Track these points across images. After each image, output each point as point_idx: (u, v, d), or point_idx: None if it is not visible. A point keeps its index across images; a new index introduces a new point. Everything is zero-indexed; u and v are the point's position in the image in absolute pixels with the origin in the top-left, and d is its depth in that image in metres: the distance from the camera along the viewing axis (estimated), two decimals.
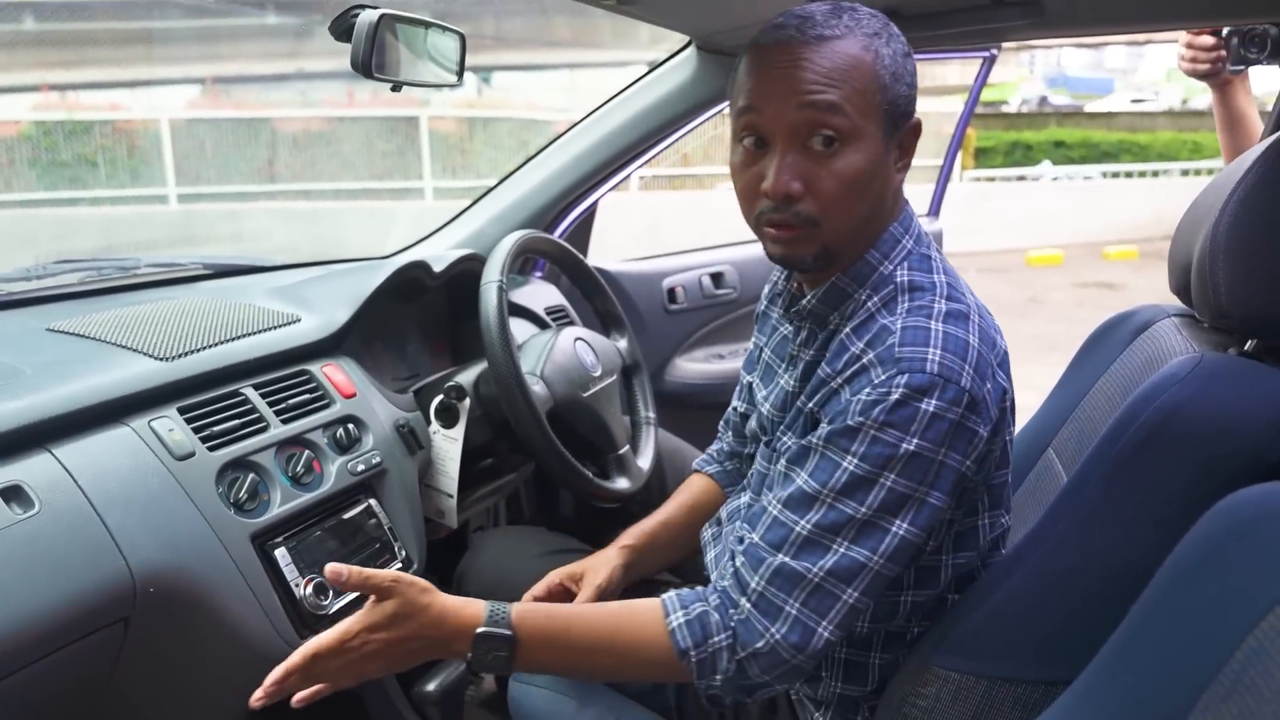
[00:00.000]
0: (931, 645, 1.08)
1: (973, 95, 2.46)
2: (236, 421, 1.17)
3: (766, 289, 1.30)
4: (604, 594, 1.21)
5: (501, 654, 0.98)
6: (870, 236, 1.05)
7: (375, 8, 1.09)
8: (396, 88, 1.19)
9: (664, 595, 1.05)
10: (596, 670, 1.08)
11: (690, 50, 1.63)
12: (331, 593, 1.15)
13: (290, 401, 1.25)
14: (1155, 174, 13.23)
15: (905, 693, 1.09)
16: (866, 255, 1.05)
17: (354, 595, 1.17)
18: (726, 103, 1.70)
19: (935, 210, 2.57)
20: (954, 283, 1.05)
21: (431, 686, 1.28)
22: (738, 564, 1.03)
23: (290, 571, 1.12)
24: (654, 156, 1.87)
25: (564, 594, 1.23)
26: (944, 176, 2.56)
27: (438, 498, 1.43)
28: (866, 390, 0.96)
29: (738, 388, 1.38)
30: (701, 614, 1.01)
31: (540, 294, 1.84)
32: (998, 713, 1.04)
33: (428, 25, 1.22)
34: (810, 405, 1.05)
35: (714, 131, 10.36)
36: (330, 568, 0.95)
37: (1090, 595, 0.98)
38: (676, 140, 1.84)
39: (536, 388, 1.36)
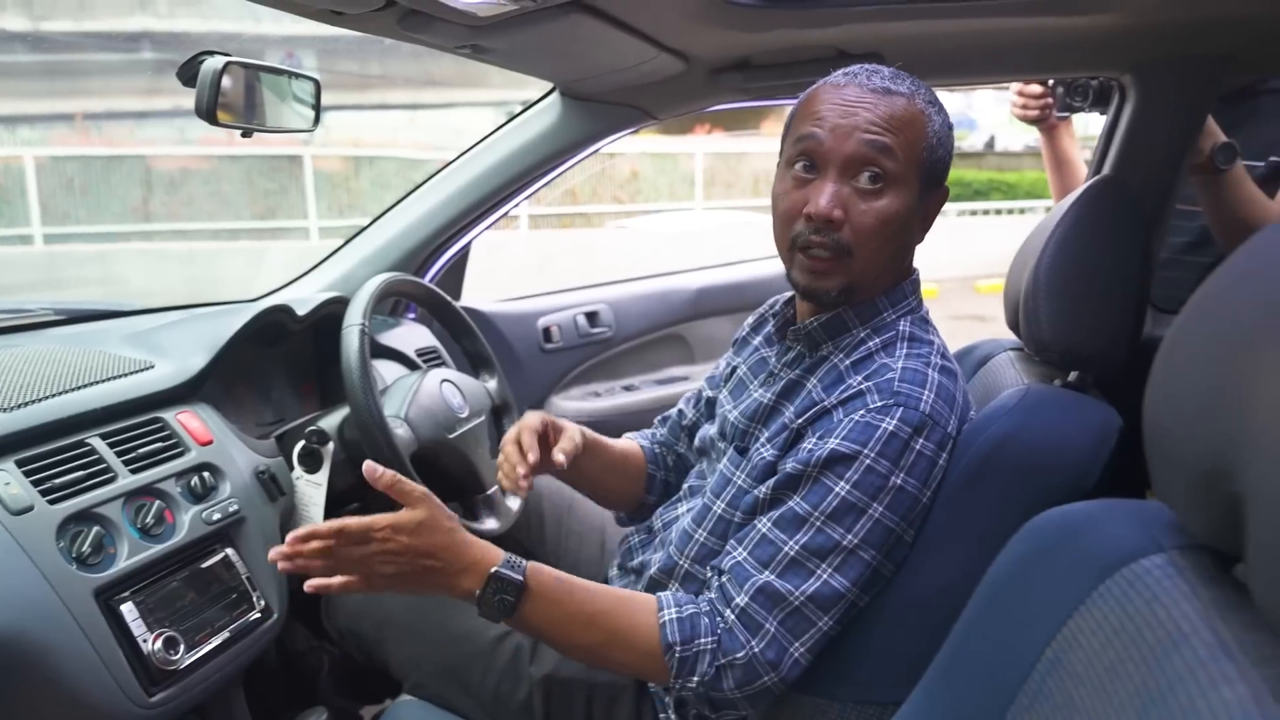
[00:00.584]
0: None
1: None
2: (81, 473, 1.13)
3: (752, 318, 1.38)
4: (576, 453, 1.27)
5: (509, 598, 1.02)
6: (885, 283, 1.14)
7: (224, 54, 1.09)
8: (247, 134, 1.19)
9: (660, 593, 1.09)
10: (583, 643, 1.08)
11: (554, 96, 1.67)
12: (183, 646, 1.12)
13: (141, 451, 1.22)
14: (1022, 211, 13.96)
15: (766, 714, 1.12)
16: (877, 299, 1.14)
17: (205, 651, 1.14)
18: (593, 147, 1.75)
19: None
20: (946, 349, 1.14)
21: None
22: (724, 580, 1.07)
23: (138, 627, 1.09)
24: (524, 199, 1.90)
25: (544, 437, 1.27)
26: None
27: None
28: (861, 412, 1.03)
29: (689, 397, 1.47)
30: (693, 615, 1.05)
31: (412, 336, 1.83)
32: None
33: (281, 72, 1.22)
34: (799, 423, 1.10)
35: (601, 170, 10.51)
36: (368, 464, 1.00)
37: (933, 619, 1.03)
38: (548, 183, 1.88)
39: (400, 430, 1.36)
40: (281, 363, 1.64)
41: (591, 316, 2.29)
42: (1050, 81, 1.69)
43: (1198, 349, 0.57)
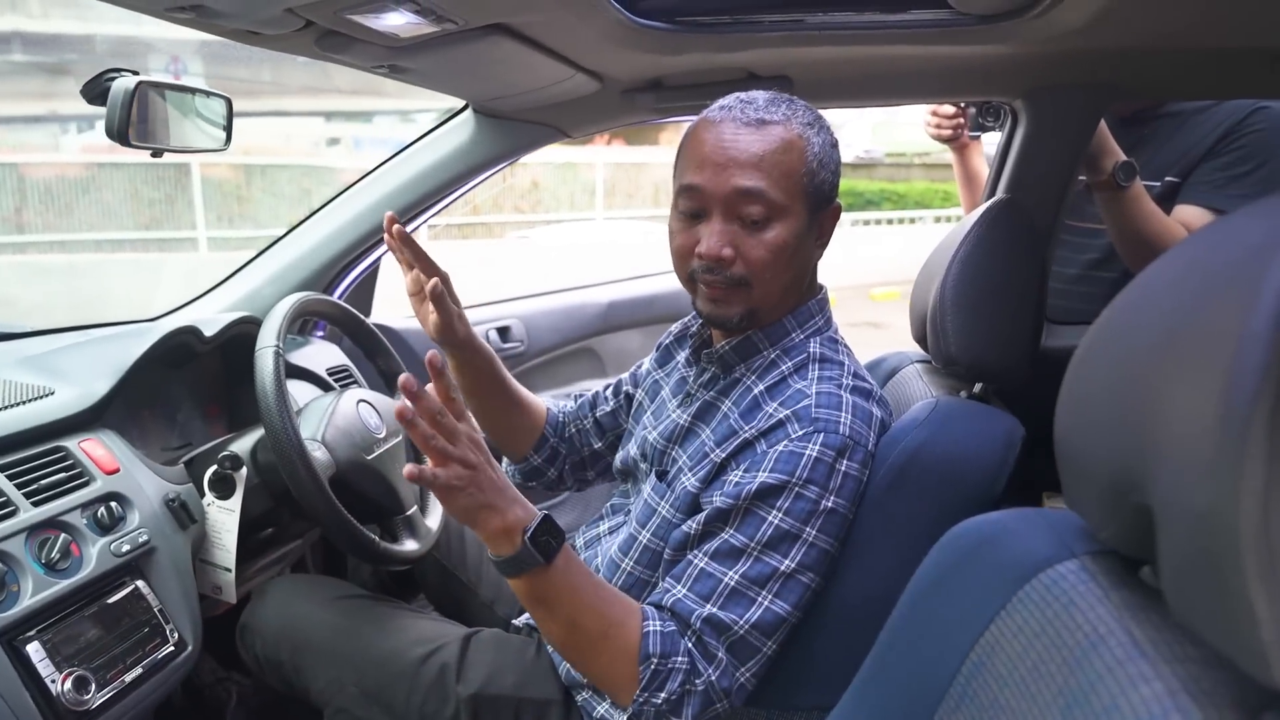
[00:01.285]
0: None
1: None
2: None
3: (677, 327, 1.42)
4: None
5: (553, 543, 1.00)
6: (790, 304, 1.17)
7: (132, 71, 1.06)
8: (158, 154, 1.16)
9: (646, 603, 1.09)
10: (585, 624, 1.05)
11: (468, 113, 1.67)
12: (94, 686, 1.08)
13: (43, 482, 1.16)
14: (912, 220, 14.47)
15: None
16: (784, 320, 1.17)
17: (117, 689, 1.10)
18: (505, 163, 1.76)
19: None
20: (857, 366, 1.18)
21: None
22: (668, 616, 1.08)
23: (45, 667, 1.04)
24: (435, 214, 1.89)
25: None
26: None
27: (214, 573, 1.36)
28: (784, 443, 1.06)
29: (609, 383, 1.54)
30: (673, 633, 1.06)
31: (322, 354, 1.80)
32: None
33: (192, 91, 1.19)
34: (722, 457, 1.12)
35: (505, 183, 10.44)
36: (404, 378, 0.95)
37: (856, 625, 1.06)
38: (456, 199, 1.87)
39: (318, 453, 1.33)
40: (187, 385, 1.59)
41: (503, 331, 2.28)
42: (964, 103, 1.78)
43: (1105, 366, 0.61)
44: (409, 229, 1.84)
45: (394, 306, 2.17)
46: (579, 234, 11.09)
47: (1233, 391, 0.43)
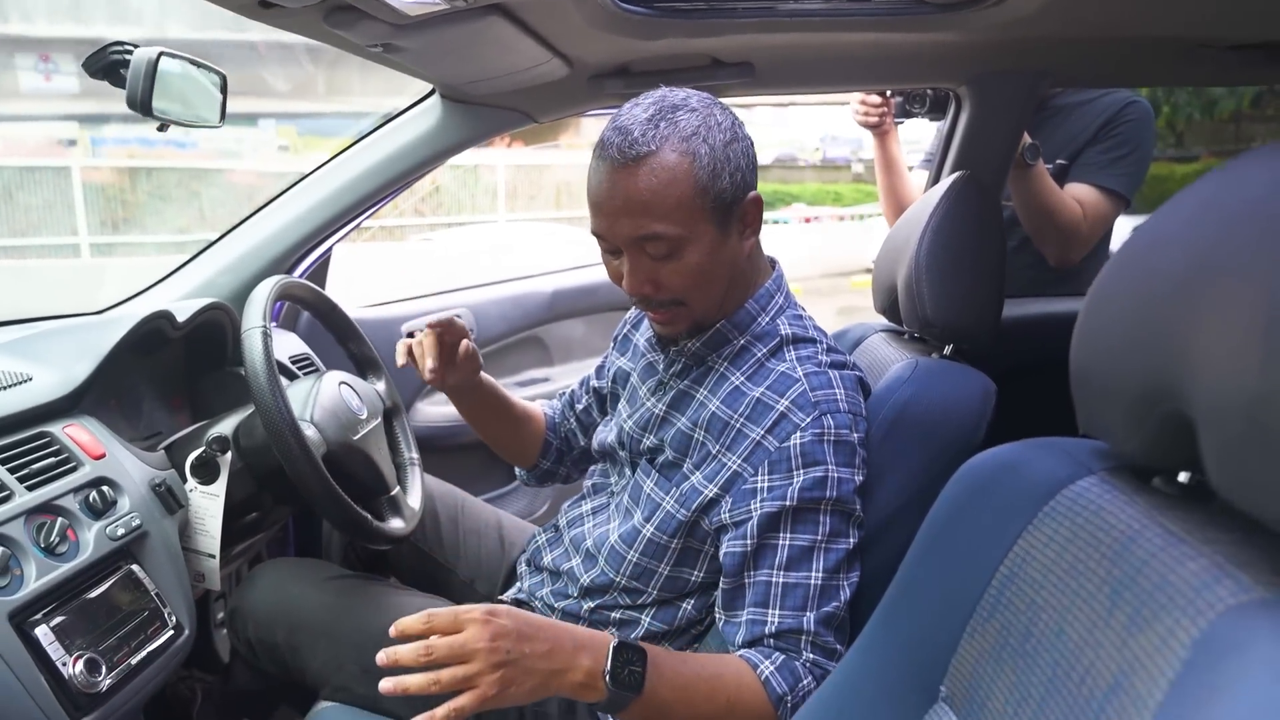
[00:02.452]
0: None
1: None
2: None
3: (631, 315, 1.44)
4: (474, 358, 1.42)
5: (637, 669, 0.97)
6: (739, 296, 1.19)
7: (133, 45, 1.04)
8: (163, 127, 1.14)
9: (740, 653, 1.08)
10: (705, 711, 1.03)
11: (434, 99, 1.68)
12: (104, 668, 1.06)
13: (34, 467, 1.14)
14: (808, 220, 14.86)
15: None
16: (747, 305, 1.19)
17: (123, 673, 1.08)
18: (468, 149, 1.77)
19: None
20: (826, 337, 1.22)
21: None
22: (777, 643, 1.09)
23: (55, 650, 1.02)
24: (387, 204, 1.89)
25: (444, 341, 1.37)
26: None
27: (197, 559, 1.34)
28: (797, 435, 1.09)
29: (581, 380, 1.55)
30: (786, 662, 1.07)
31: (282, 343, 1.78)
32: None
33: (199, 65, 1.18)
34: (728, 457, 1.14)
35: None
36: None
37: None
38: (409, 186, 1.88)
39: (309, 433, 1.33)
40: (150, 376, 1.55)
41: None
42: (889, 92, 1.89)
43: (1126, 298, 0.69)
44: (365, 217, 1.84)
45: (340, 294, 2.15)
46: (482, 236, 11.00)
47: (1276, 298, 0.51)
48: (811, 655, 1.08)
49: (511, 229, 11.60)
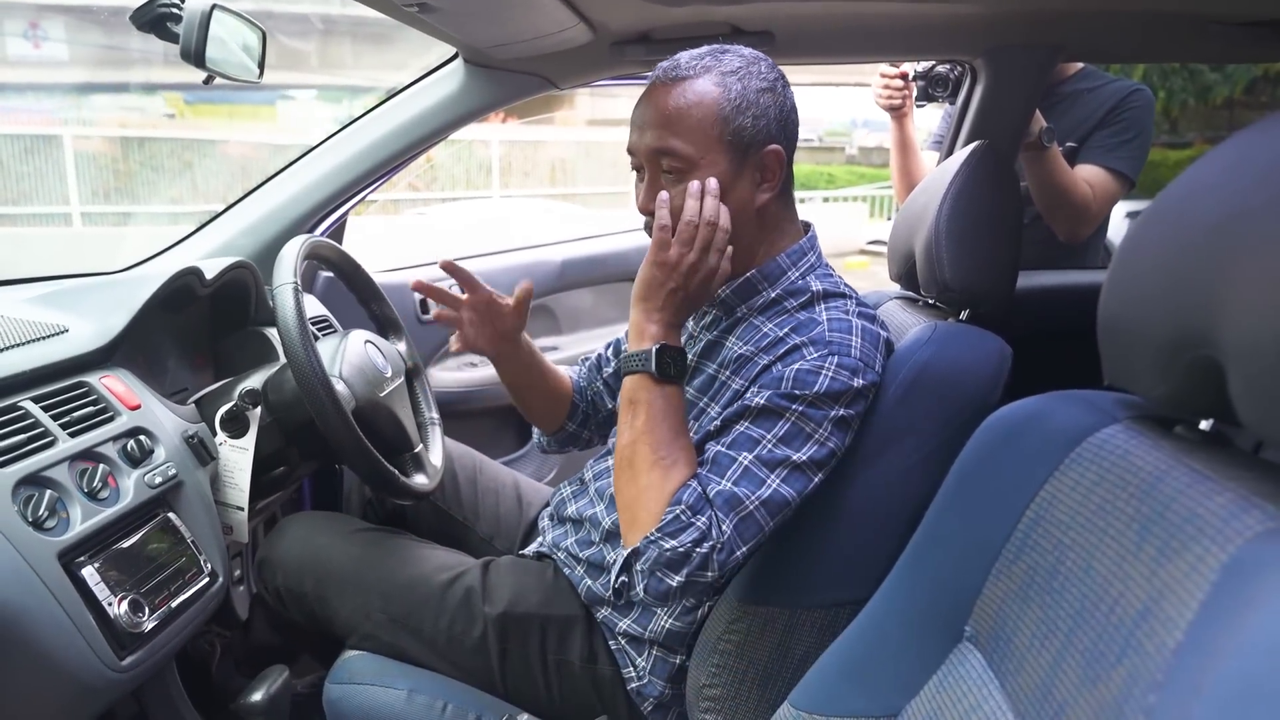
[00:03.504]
0: (738, 587, 1.23)
1: None
2: (22, 436, 1.08)
3: None
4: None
5: (649, 369, 1.13)
6: (767, 249, 1.24)
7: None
8: (209, 79, 1.16)
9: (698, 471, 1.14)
10: (642, 444, 1.13)
11: (457, 63, 1.70)
12: (147, 610, 1.09)
13: (75, 415, 1.16)
14: (801, 200, 14.90)
15: (720, 632, 1.23)
16: (778, 258, 1.23)
17: (164, 616, 1.12)
18: (488, 113, 1.79)
19: None
20: (860, 297, 1.25)
21: (257, 697, 1.24)
22: (687, 492, 1.12)
23: (101, 590, 1.05)
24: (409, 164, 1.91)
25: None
26: None
27: (225, 512, 1.37)
28: (800, 363, 1.12)
29: (609, 343, 1.61)
30: (704, 502, 1.10)
31: None
32: (801, 636, 1.20)
33: (243, 20, 1.19)
34: (737, 382, 1.19)
35: None
36: None
37: (875, 523, 1.17)
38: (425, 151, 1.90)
39: (339, 387, 1.36)
40: (176, 333, 1.58)
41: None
42: (912, 75, 1.92)
43: (1158, 250, 0.72)
44: (384, 180, 1.86)
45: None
46: (477, 212, 10.99)
47: None
48: (703, 522, 1.09)
49: (506, 205, 11.59)
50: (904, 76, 1.97)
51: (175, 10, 1.07)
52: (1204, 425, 0.73)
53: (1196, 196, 0.69)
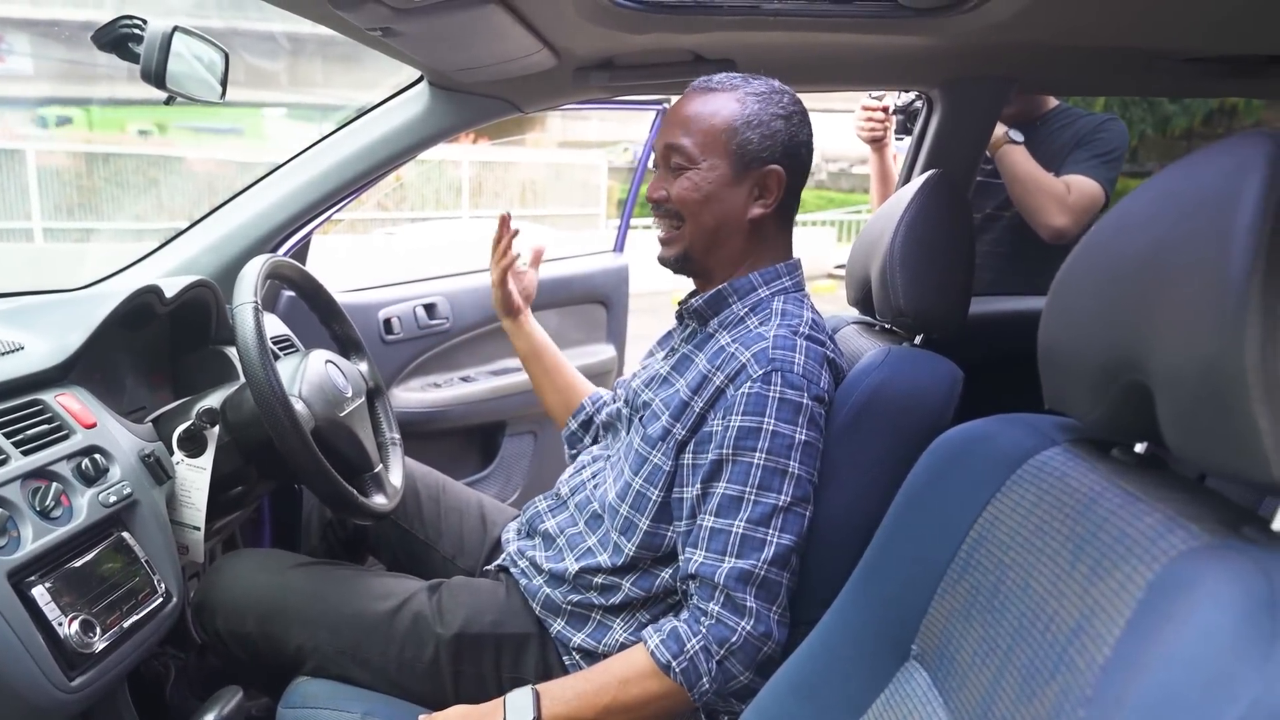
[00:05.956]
0: None
1: (646, 146, 2.73)
2: None
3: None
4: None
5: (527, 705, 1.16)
6: (730, 254, 1.29)
7: (143, 20, 1.07)
8: (170, 99, 1.17)
9: (642, 632, 1.19)
10: (604, 705, 1.16)
11: (422, 85, 1.71)
12: (98, 629, 1.09)
13: (28, 433, 1.15)
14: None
15: None
16: (750, 276, 1.29)
17: (116, 636, 1.11)
18: (454, 135, 1.81)
19: (620, 247, 2.81)
20: (817, 317, 1.30)
21: (209, 718, 1.23)
22: (693, 586, 1.17)
23: (51, 610, 1.04)
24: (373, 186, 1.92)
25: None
26: (625, 218, 2.79)
27: (182, 532, 1.36)
28: (747, 385, 1.16)
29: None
30: (673, 629, 1.15)
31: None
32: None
33: (203, 40, 1.20)
34: (700, 406, 1.22)
35: None
36: None
37: (831, 544, 1.19)
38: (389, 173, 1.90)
39: (298, 406, 1.36)
40: (134, 351, 1.57)
41: (430, 308, 2.31)
42: (891, 108, 1.97)
43: (1092, 281, 0.75)
44: (348, 202, 1.87)
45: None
46: (446, 232, 10.96)
47: (1230, 267, 0.57)
48: (718, 609, 1.14)
49: (475, 225, 11.57)
50: (885, 110, 2.01)
51: (138, 31, 1.07)
52: (1139, 448, 0.76)
53: (1127, 229, 0.72)
